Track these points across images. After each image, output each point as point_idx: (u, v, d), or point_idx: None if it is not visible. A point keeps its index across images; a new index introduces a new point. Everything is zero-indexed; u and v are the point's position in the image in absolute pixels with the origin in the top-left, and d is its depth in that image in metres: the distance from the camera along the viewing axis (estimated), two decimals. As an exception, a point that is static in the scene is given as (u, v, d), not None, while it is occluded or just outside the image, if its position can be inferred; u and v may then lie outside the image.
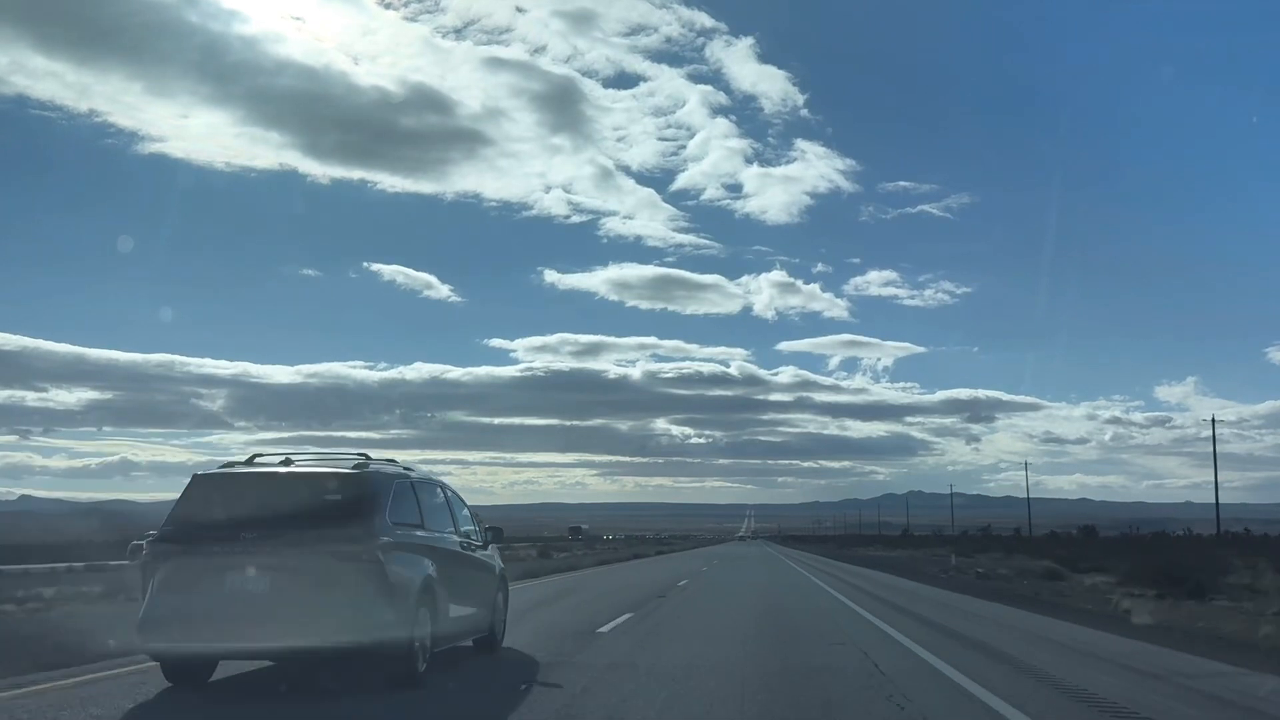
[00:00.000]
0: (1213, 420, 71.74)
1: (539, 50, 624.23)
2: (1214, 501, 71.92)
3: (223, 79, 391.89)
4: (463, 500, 11.38)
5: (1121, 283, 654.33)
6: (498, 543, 12.66)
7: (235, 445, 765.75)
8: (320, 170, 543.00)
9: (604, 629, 14.06)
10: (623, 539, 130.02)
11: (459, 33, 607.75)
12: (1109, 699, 8.61)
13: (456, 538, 10.59)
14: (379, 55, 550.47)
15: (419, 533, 9.38)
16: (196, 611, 8.11)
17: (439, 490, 10.64)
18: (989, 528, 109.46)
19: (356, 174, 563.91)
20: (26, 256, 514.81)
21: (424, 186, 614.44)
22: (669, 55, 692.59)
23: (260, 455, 9.31)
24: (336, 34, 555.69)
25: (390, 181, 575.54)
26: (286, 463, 9.17)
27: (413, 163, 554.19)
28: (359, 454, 9.51)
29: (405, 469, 9.97)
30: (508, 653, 11.34)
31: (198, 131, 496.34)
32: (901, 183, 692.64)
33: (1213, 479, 70.62)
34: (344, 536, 8.30)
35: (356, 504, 8.55)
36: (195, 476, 8.98)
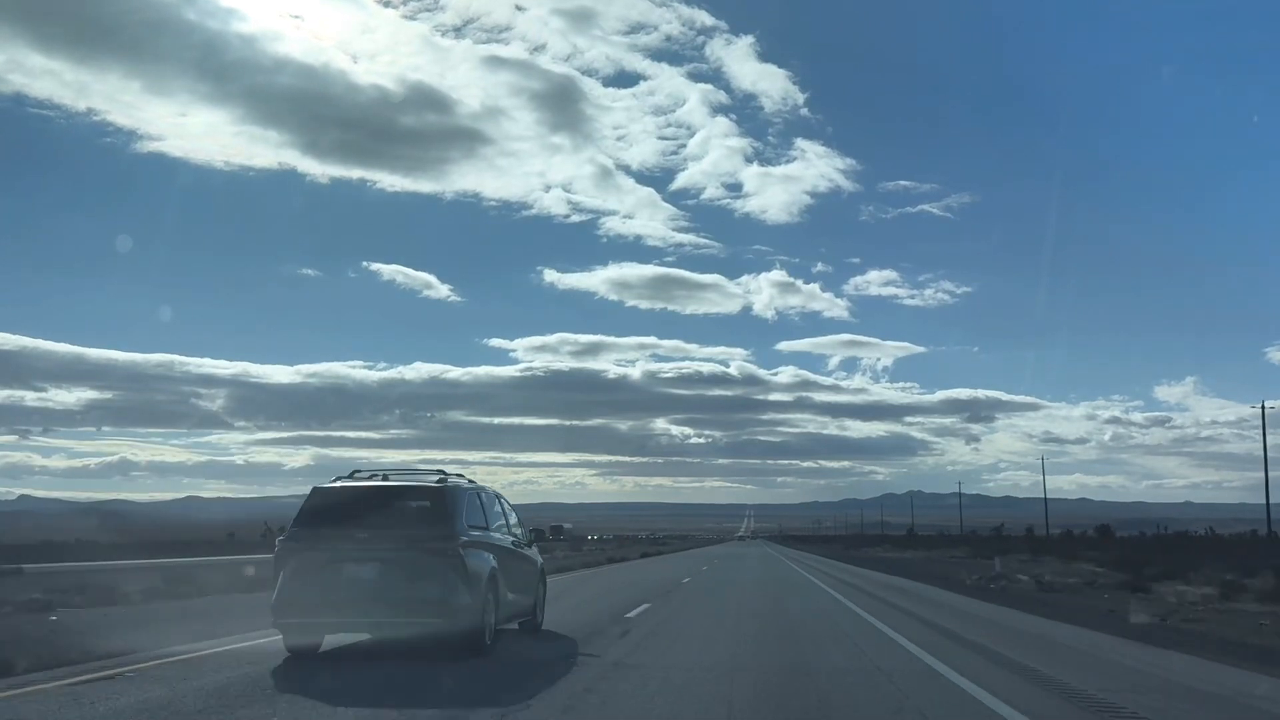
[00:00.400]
0: (1262, 406, 65.02)
1: (538, 49, 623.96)
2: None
3: (221, 77, 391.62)
4: (512, 507, 13.54)
5: (1121, 282, 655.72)
6: (539, 542, 15.22)
7: (235, 445, 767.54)
8: (319, 169, 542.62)
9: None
10: (611, 539, 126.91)
11: (458, 31, 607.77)
12: None
13: (509, 538, 12.75)
14: (378, 54, 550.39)
15: (483, 533, 11.60)
16: (319, 595, 10.36)
17: (496, 499, 12.91)
18: (1002, 527, 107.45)
19: (356, 173, 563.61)
20: (25, 256, 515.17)
21: (423, 186, 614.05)
22: (669, 54, 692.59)
23: (359, 471, 11.75)
24: (335, 32, 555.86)
25: (389, 181, 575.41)
26: (385, 478, 11.64)
27: (412, 162, 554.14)
28: (438, 470, 11.83)
29: (470, 482, 12.19)
30: (546, 633, 13.39)
31: (196, 130, 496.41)
32: (902, 182, 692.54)
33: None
34: (432, 536, 10.62)
35: (440, 510, 10.95)
36: (315, 489, 11.22)
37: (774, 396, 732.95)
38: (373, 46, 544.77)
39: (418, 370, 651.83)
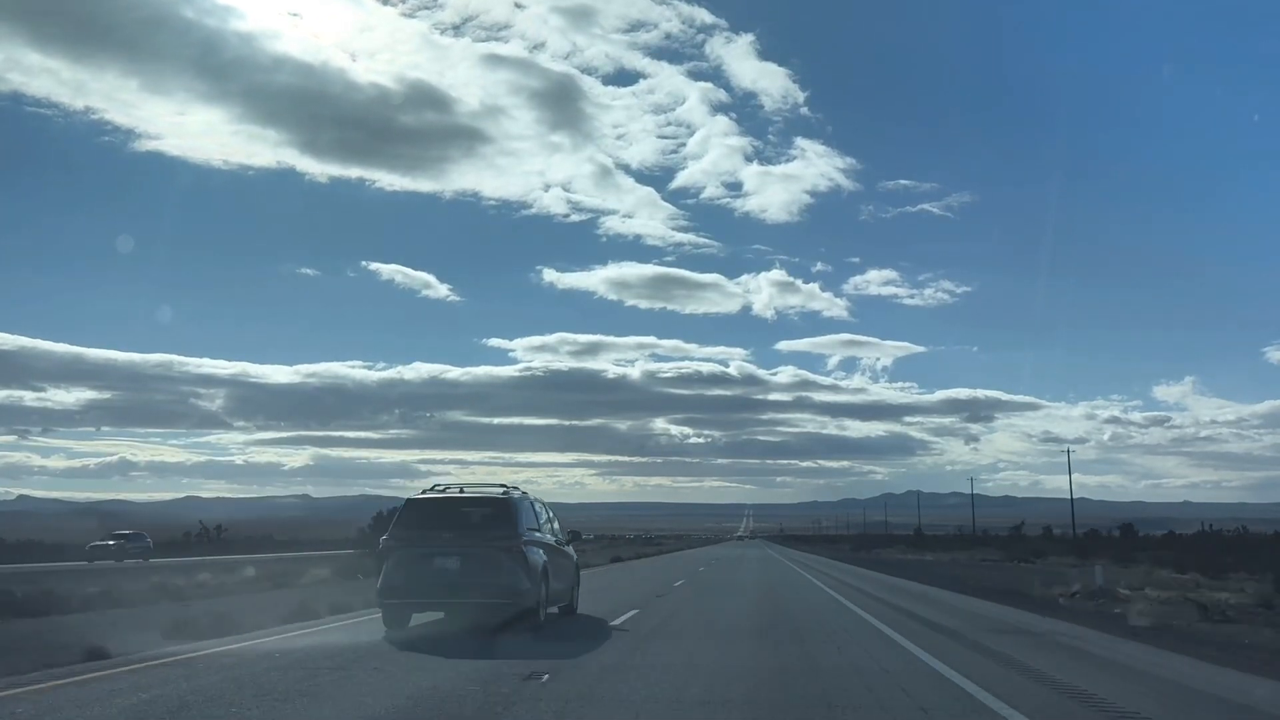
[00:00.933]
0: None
1: (538, 47, 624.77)
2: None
3: (219, 76, 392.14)
4: (554, 514, 16.33)
5: (1120, 281, 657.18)
6: (575, 542, 18.33)
7: (234, 445, 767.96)
8: (318, 169, 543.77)
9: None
10: (592, 539, 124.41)
11: (457, 29, 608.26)
12: None
13: (553, 538, 15.62)
14: (377, 52, 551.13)
15: (537, 534, 14.53)
16: (413, 582, 13.22)
17: (543, 507, 15.87)
18: (1021, 526, 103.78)
19: (354, 172, 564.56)
20: (24, 255, 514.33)
21: (422, 185, 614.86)
22: (669, 52, 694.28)
23: (439, 485, 14.66)
24: (334, 30, 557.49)
25: (389, 180, 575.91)
26: (461, 490, 14.56)
27: (411, 161, 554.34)
28: (502, 485, 14.76)
29: (524, 493, 15.04)
30: (581, 615, 16.28)
31: (195, 129, 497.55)
32: (902, 181, 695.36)
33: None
34: (500, 536, 13.50)
35: (505, 516, 13.80)
36: (408, 500, 14.21)
37: (773, 396, 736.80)
38: (371, 45, 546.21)
39: (417, 370, 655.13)
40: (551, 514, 16.13)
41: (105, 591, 18.30)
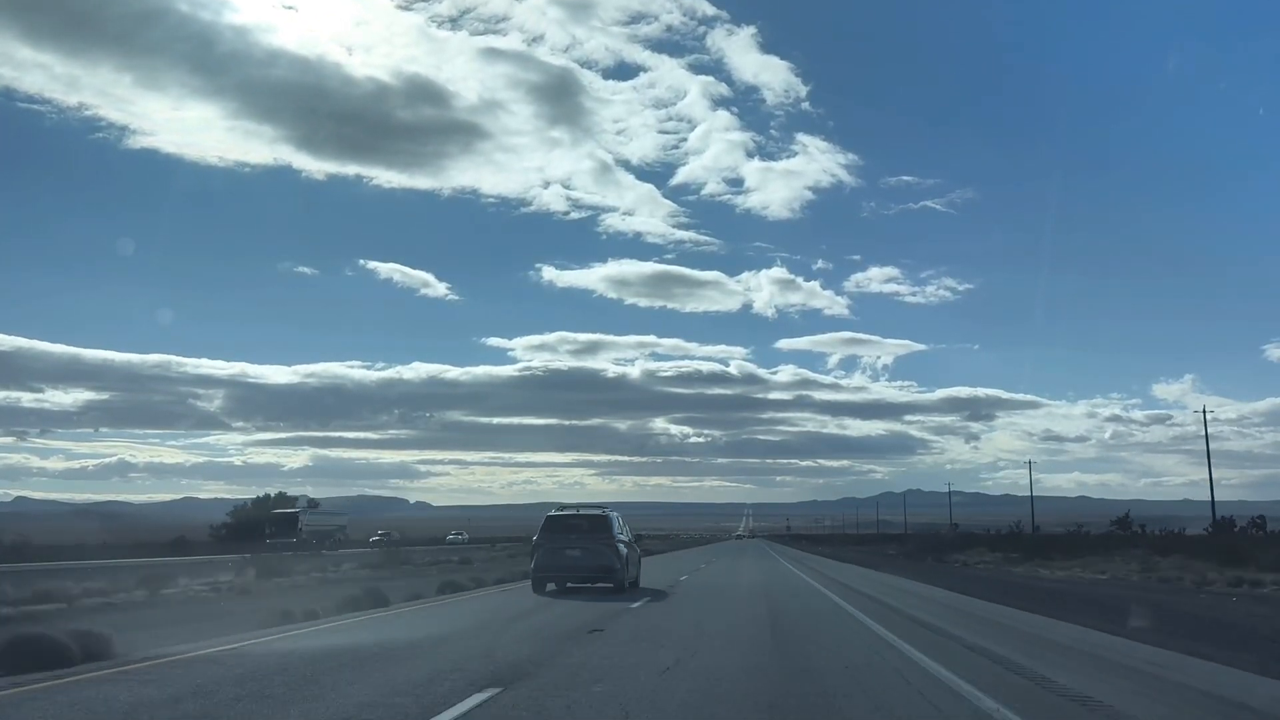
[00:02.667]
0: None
1: (536, 40, 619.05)
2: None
3: (214, 71, 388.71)
4: (625, 522, 25.39)
5: (1122, 279, 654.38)
6: (637, 542, 28.83)
7: (232, 446, 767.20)
8: (315, 165, 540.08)
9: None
10: None
11: (454, 22, 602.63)
12: None
13: (628, 538, 25.27)
14: (373, 46, 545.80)
15: (620, 536, 23.90)
16: (553, 565, 22.76)
17: (621, 518, 24.85)
18: (1039, 528, 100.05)
19: (352, 169, 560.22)
20: (18, 255, 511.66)
21: (420, 182, 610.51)
22: (670, 45, 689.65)
23: (564, 506, 24.64)
24: (329, 23, 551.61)
25: (386, 177, 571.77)
26: (579, 509, 24.06)
27: (409, 157, 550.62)
28: (600, 505, 24.67)
29: (613, 511, 24.43)
30: (642, 588, 25.00)
31: (190, 125, 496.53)
32: (904, 177, 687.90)
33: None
34: (604, 536, 22.97)
35: (605, 524, 23.32)
36: (548, 516, 23.71)
37: (773, 395, 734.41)
38: (368, 38, 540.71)
39: (416, 370, 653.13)
40: (624, 523, 25.27)
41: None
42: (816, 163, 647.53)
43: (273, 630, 14.53)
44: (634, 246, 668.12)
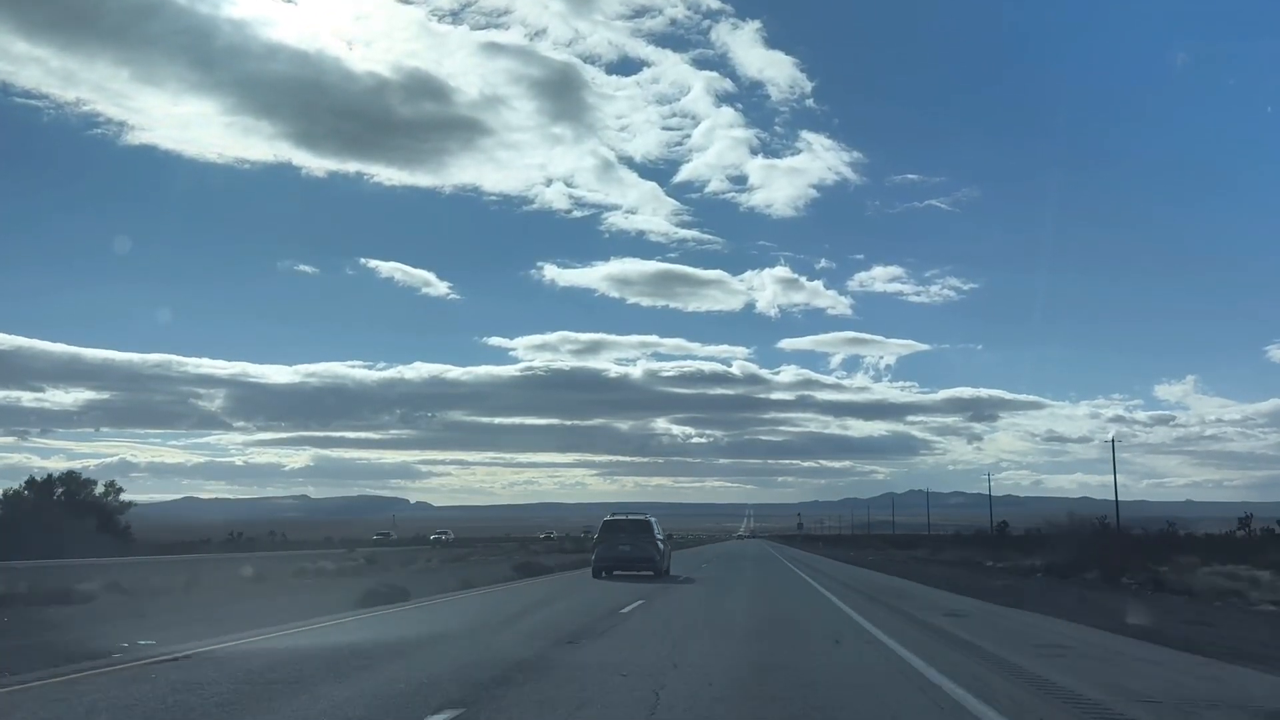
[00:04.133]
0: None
1: (538, 34, 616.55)
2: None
3: (212, 65, 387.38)
4: (660, 525, 33.18)
5: (1125, 279, 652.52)
6: (669, 539, 36.50)
7: (233, 446, 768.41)
8: (315, 162, 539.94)
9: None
10: (554, 536, 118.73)
11: (455, 16, 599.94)
12: None
13: (664, 537, 33.54)
14: (373, 40, 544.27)
15: (659, 536, 31.87)
16: (610, 557, 30.58)
17: (657, 521, 32.71)
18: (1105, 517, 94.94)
19: (352, 166, 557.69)
20: (16, 253, 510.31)
21: (421, 179, 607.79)
22: (673, 39, 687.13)
23: (617, 512, 32.58)
24: (329, 17, 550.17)
25: (387, 174, 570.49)
26: (629, 514, 32.48)
27: (410, 153, 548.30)
28: (643, 511, 33.64)
29: (653, 517, 32.47)
30: (674, 575, 32.45)
31: (188, 121, 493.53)
32: (909, 175, 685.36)
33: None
34: (648, 535, 31.18)
35: (648, 526, 31.68)
36: (605, 521, 31.87)
37: (776, 395, 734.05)
38: (367, 32, 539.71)
39: (417, 370, 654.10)
40: (660, 526, 32.64)
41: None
42: (821, 160, 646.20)
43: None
44: (636, 245, 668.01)
